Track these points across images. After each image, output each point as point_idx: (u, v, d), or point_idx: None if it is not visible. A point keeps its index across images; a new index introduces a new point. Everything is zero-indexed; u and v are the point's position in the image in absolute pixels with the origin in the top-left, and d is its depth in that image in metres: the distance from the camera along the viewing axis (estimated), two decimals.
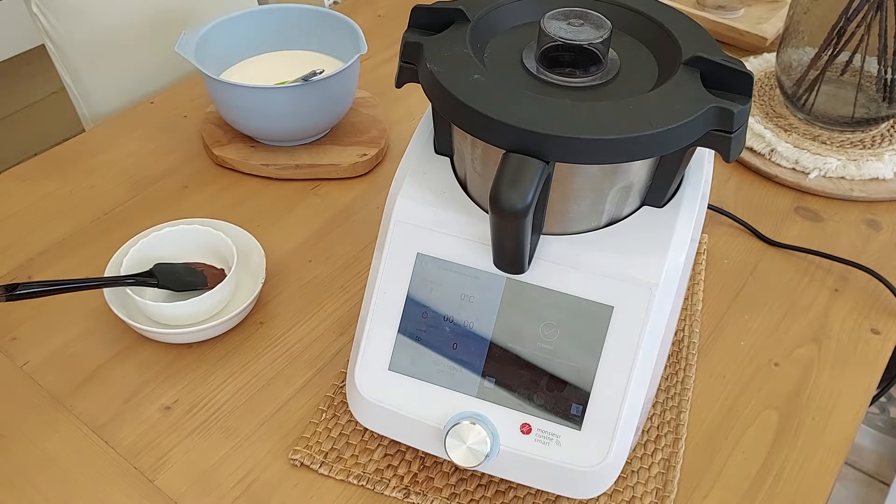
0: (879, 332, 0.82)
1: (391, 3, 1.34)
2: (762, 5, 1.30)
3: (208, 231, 0.83)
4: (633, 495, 0.67)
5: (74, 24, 1.12)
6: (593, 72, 0.59)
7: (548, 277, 0.61)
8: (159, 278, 0.79)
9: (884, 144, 1.02)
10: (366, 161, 0.98)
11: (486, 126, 0.53)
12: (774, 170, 1.00)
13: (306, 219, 0.93)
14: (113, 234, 0.90)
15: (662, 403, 0.74)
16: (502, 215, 0.53)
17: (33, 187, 0.96)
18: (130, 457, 0.70)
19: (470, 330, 0.63)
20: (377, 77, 1.16)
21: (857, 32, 0.95)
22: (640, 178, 0.60)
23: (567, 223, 0.61)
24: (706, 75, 0.56)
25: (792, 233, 0.92)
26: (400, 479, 0.68)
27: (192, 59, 0.93)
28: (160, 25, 1.18)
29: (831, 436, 0.73)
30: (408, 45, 0.60)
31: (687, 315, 0.82)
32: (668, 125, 0.53)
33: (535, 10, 0.64)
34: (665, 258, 0.60)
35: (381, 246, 0.65)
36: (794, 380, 0.77)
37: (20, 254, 0.88)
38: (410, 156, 0.66)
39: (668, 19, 0.62)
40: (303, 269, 0.87)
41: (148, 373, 0.76)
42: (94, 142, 1.04)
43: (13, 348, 0.78)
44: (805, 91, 1.03)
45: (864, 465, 1.57)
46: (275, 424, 0.72)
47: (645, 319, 0.59)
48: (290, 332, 0.80)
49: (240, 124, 0.98)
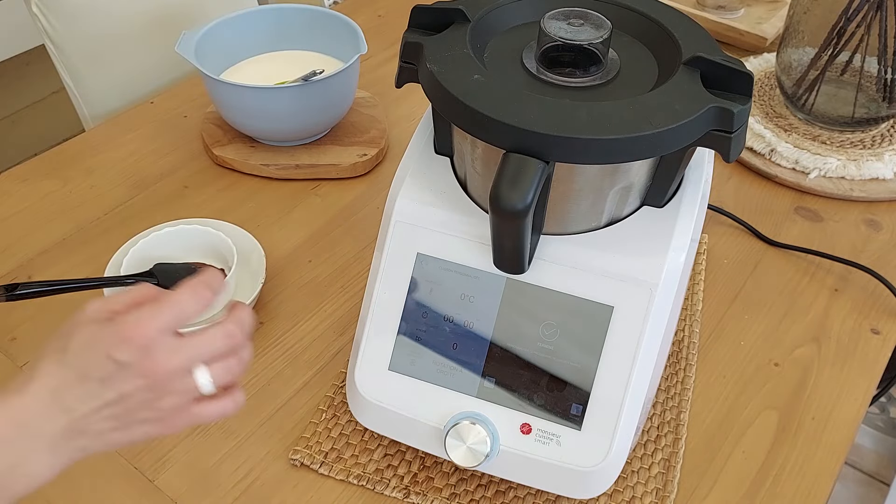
0: (879, 332, 0.82)
1: (391, 3, 1.34)
2: (762, 5, 1.30)
3: (208, 231, 0.83)
4: (633, 495, 0.67)
5: (74, 24, 1.12)
6: (593, 72, 0.59)
7: (548, 277, 0.61)
8: (159, 278, 0.79)
9: (884, 144, 1.02)
10: (366, 161, 0.98)
11: (486, 126, 0.53)
12: (774, 170, 1.00)
13: (306, 219, 0.93)
14: (113, 234, 0.90)
15: (662, 403, 0.74)
16: (502, 215, 0.53)
17: (33, 187, 0.96)
18: (130, 457, 0.70)
19: (470, 330, 0.63)
20: (377, 77, 1.16)
21: (857, 32, 0.95)
22: (640, 179, 0.60)
23: (567, 223, 0.61)
24: (706, 75, 0.56)
25: (792, 233, 0.92)
26: (400, 479, 0.68)
27: (192, 59, 0.93)
28: (160, 25, 1.18)
29: (831, 436, 0.73)
30: (408, 45, 0.60)
31: (687, 315, 0.82)
32: (668, 125, 0.53)
33: (535, 10, 0.64)
34: (665, 258, 0.60)
35: (381, 246, 0.65)
36: (794, 380, 0.77)
37: (20, 254, 0.88)
38: (410, 156, 0.66)
39: (668, 19, 0.62)
40: (303, 269, 0.87)
41: None
42: (94, 142, 1.04)
43: (13, 348, 0.78)
44: (805, 91, 1.03)
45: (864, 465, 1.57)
46: (275, 424, 0.72)
47: (645, 319, 0.59)
48: (290, 332, 0.80)
49: (240, 124, 0.98)
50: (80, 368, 0.49)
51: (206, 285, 0.52)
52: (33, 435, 0.48)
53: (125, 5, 1.15)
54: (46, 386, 0.49)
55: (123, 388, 0.49)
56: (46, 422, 0.48)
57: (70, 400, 0.49)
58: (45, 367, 0.49)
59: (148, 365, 0.49)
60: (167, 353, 0.49)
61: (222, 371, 0.52)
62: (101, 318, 0.50)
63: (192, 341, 0.51)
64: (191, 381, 0.51)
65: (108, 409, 0.49)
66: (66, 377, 0.49)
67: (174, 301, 0.50)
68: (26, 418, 0.48)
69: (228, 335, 0.52)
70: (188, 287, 0.52)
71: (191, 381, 0.51)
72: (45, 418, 0.48)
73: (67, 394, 0.49)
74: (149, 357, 0.49)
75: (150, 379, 0.49)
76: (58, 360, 0.49)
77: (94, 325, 0.50)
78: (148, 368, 0.49)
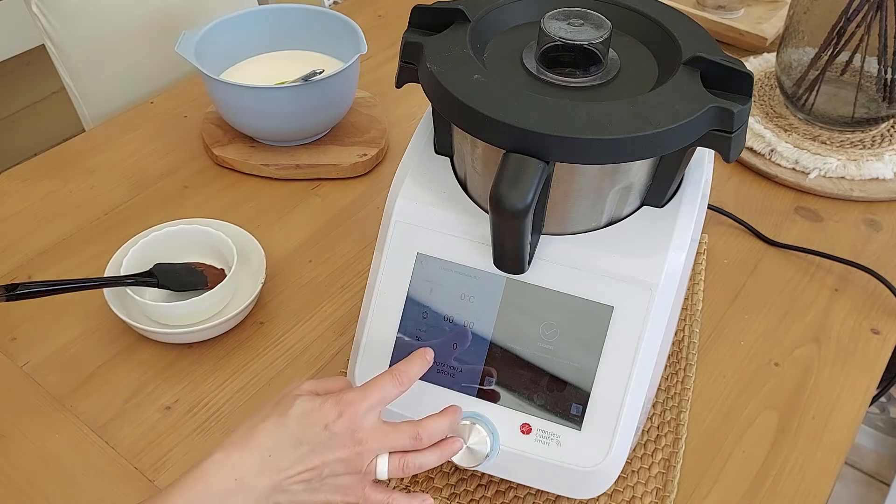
0: (879, 332, 0.82)
1: (391, 3, 1.34)
2: (762, 5, 1.30)
3: (208, 231, 0.83)
4: (633, 495, 0.67)
5: (74, 24, 1.12)
6: (593, 72, 0.59)
7: (548, 277, 0.61)
8: (159, 278, 0.79)
9: (884, 144, 1.02)
10: (366, 161, 0.98)
11: (486, 126, 0.53)
12: (774, 170, 1.00)
13: (306, 219, 0.93)
14: (113, 234, 0.90)
15: (662, 403, 0.74)
16: (502, 215, 0.53)
17: (33, 187, 0.96)
18: (131, 457, 0.70)
19: (470, 330, 0.63)
20: (377, 77, 1.16)
21: (857, 32, 0.95)
22: (640, 179, 0.60)
23: (567, 223, 0.61)
24: (706, 75, 0.56)
25: (792, 233, 0.92)
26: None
27: (192, 59, 0.93)
28: (160, 25, 1.18)
29: (831, 436, 0.73)
30: (408, 45, 0.60)
31: (687, 315, 0.82)
32: (668, 125, 0.53)
33: (535, 10, 0.63)
34: (665, 258, 0.60)
35: (381, 246, 0.65)
36: (794, 380, 0.77)
37: (20, 254, 0.88)
38: (410, 156, 0.66)
39: (668, 19, 0.62)
40: (303, 269, 0.87)
41: (148, 373, 0.76)
42: (94, 142, 1.04)
43: (13, 348, 0.78)
44: (805, 91, 1.03)
45: (864, 465, 1.57)
46: None
47: (645, 319, 0.59)
48: (290, 332, 0.80)
49: (240, 124, 0.98)
50: (297, 434, 0.54)
51: (403, 372, 0.58)
52: (246, 489, 0.53)
53: (125, 6, 1.15)
54: (265, 445, 0.54)
55: (328, 456, 0.55)
56: (259, 478, 0.53)
57: (283, 461, 0.54)
58: (265, 427, 0.55)
59: (356, 440, 0.55)
60: (373, 433, 0.56)
61: (396, 466, 0.57)
62: (317, 393, 0.57)
63: (395, 432, 0.57)
64: (374, 463, 0.56)
65: (308, 473, 0.55)
66: (282, 440, 0.54)
67: (380, 385, 0.57)
68: (244, 473, 0.53)
69: (415, 438, 0.57)
70: (389, 373, 0.58)
71: (374, 463, 0.56)
72: (258, 475, 0.53)
73: (282, 456, 0.54)
74: (357, 434, 0.55)
75: (353, 452, 0.55)
76: (277, 423, 0.55)
77: (313, 399, 0.56)
78: (355, 443, 0.55)
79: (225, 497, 0.52)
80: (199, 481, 0.52)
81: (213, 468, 0.53)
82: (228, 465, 0.53)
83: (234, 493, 0.53)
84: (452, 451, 0.59)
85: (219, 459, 0.53)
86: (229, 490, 0.53)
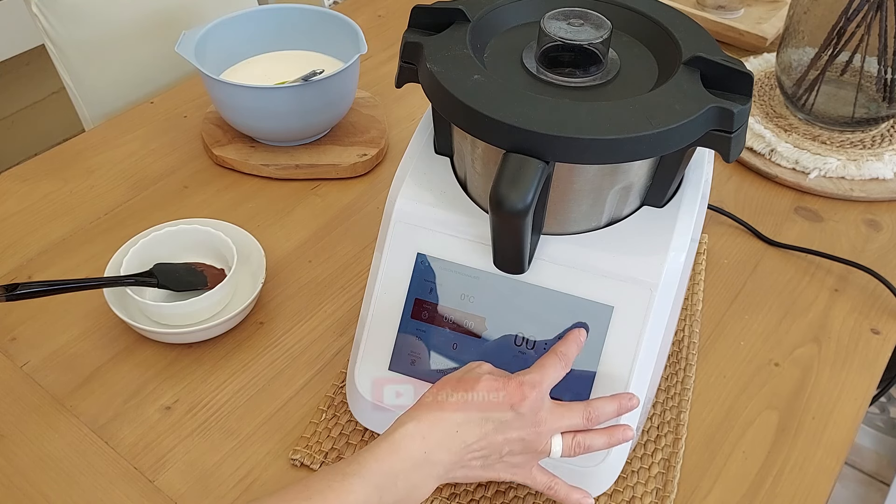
0: (879, 332, 0.82)
1: (391, 3, 1.34)
2: (762, 5, 1.30)
3: (208, 231, 0.83)
4: (633, 495, 0.67)
5: (74, 24, 1.12)
6: (593, 72, 0.59)
7: (548, 277, 0.61)
8: (159, 278, 0.79)
9: (884, 144, 1.02)
10: (366, 161, 0.98)
11: (486, 126, 0.53)
12: (774, 170, 1.00)
13: (306, 219, 0.93)
14: (113, 234, 0.90)
15: (662, 403, 0.74)
16: (502, 215, 0.53)
17: (33, 187, 0.96)
18: (131, 457, 0.70)
19: (470, 330, 0.63)
20: (377, 77, 1.16)
21: (857, 32, 0.95)
22: (640, 178, 0.60)
23: (567, 223, 0.61)
24: (706, 75, 0.56)
25: (792, 233, 0.92)
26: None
27: (192, 59, 0.93)
28: (160, 25, 1.18)
29: (831, 436, 0.73)
30: (408, 45, 0.60)
31: (687, 315, 0.82)
32: (668, 125, 0.53)
33: (535, 10, 0.64)
34: (665, 258, 0.60)
35: (381, 246, 0.65)
36: (794, 380, 0.77)
37: (20, 254, 0.88)
38: (410, 156, 0.66)
39: (668, 19, 0.62)
40: (303, 269, 0.87)
41: (148, 373, 0.76)
42: (94, 142, 1.04)
43: (13, 348, 0.78)
44: (805, 91, 1.03)
45: (864, 465, 1.57)
46: (275, 424, 0.72)
47: (645, 319, 0.59)
48: (290, 332, 0.80)
49: (240, 124, 0.98)
50: (484, 410, 0.56)
51: (564, 354, 0.59)
52: (433, 462, 0.55)
53: (125, 5, 1.15)
54: (454, 421, 0.55)
55: (510, 434, 0.56)
56: (445, 452, 0.55)
57: (469, 437, 0.55)
58: (454, 402, 0.56)
59: (537, 420, 0.57)
60: (551, 414, 0.57)
61: (569, 445, 0.58)
62: (500, 374, 0.58)
63: (569, 412, 0.58)
64: (549, 444, 0.58)
65: (488, 450, 0.56)
66: (470, 417, 0.56)
67: (552, 367, 0.58)
68: (432, 447, 0.55)
69: (587, 417, 0.58)
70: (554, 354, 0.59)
71: (549, 444, 0.58)
72: (444, 449, 0.55)
73: (468, 432, 0.55)
74: (539, 414, 0.57)
75: (533, 431, 0.57)
76: (465, 399, 0.56)
77: (497, 379, 0.57)
78: (536, 423, 0.57)
79: (413, 469, 0.54)
80: (393, 453, 0.54)
81: (406, 441, 0.54)
82: (419, 438, 0.54)
83: (422, 466, 0.54)
84: (621, 439, 0.60)
85: (411, 432, 0.55)
86: (417, 462, 0.54)
